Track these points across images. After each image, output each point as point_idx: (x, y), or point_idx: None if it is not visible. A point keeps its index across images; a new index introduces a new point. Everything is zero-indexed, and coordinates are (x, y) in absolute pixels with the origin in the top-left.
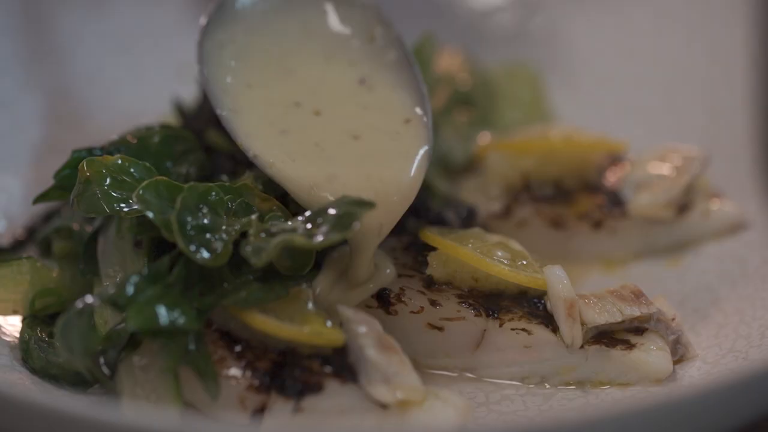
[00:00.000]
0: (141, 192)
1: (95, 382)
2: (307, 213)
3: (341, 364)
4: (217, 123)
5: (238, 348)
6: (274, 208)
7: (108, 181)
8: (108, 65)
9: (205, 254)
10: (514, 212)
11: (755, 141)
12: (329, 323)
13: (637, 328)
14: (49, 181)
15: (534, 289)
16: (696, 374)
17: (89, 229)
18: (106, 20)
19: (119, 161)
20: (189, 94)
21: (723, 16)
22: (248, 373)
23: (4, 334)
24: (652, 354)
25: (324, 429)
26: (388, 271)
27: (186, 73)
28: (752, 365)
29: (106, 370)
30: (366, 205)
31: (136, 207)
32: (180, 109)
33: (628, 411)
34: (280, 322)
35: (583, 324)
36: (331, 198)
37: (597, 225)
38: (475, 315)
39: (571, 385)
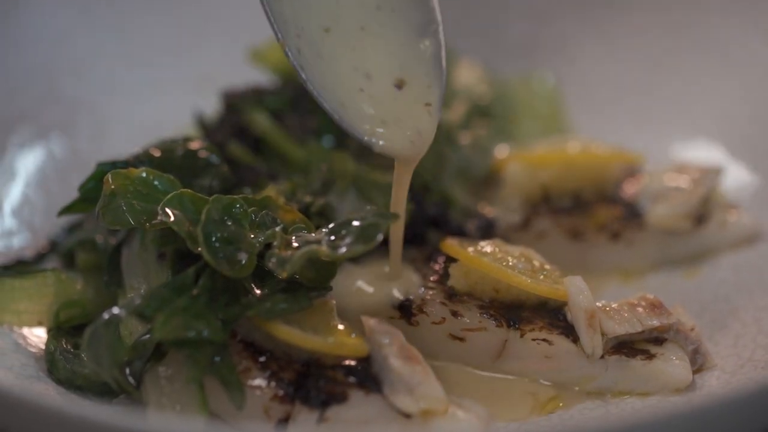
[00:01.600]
0: (166, 204)
1: (121, 392)
2: (331, 225)
3: (365, 374)
4: (238, 136)
5: (262, 358)
6: (298, 220)
7: (133, 193)
8: (129, 78)
9: (230, 266)
10: (533, 224)
11: None
12: (353, 334)
13: (657, 338)
14: (71, 194)
15: (554, 299)
16: (715, 383)
17: (113, 241)
18: (126, 32)
19: (144, 174)
20: (210, 107)
21: (738, 24)
22: (273, 384)
23: (30, 345)
24: (671, 364)
25: None
26: None
27: (206, 86)
28: None
29: (132, 381)
30: (390, 216)
31: (160, 219)
32: (201, 122)
33: (649, 420)
34: (304, 332)
35: (603, 334)
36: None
37: (615, 236)
38: (497, 325)
39: (591, 394)
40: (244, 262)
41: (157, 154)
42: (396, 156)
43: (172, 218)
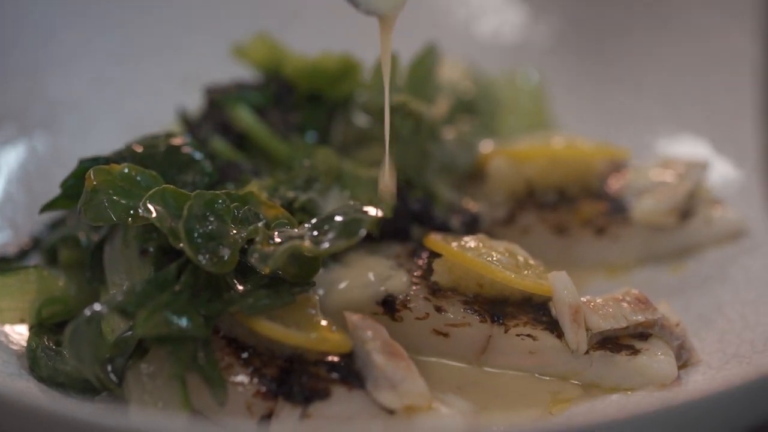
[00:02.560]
0: (148, 200)
1: (103, 389)
2: (314, 220)
3: (348, 370)
4: (221, 131)
5: (245, 355)
6: (281, 215)
7: (115, 189)
8: (113, 75)
9: (213, 261)
10: (517, 219)
11: (757, 147)
12: (336, 330)
13: (642, 333)
14: (54, 191)
15: (539, 295)
16: (700, 379)
17: (95, 237)
18: (110, 29)
19: (126, 170)
20: (194, 103)
21: (724, 18)
22: (255, 380)
23: (12, 342)
24: (656, 359)
25: None
26: None
27: (191, 82)
28: (757, 370)
29: (114, 378)
30: (372, 212)
31: (142, 215)
32: (184, 118)
33: (633, 416)
34: (287, 328)
35: (587, 329)
36: None
37: (600, 231)
38: (480, 321)
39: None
40: (226, 257)
41: (139, 150)
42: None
43: (154, 214)
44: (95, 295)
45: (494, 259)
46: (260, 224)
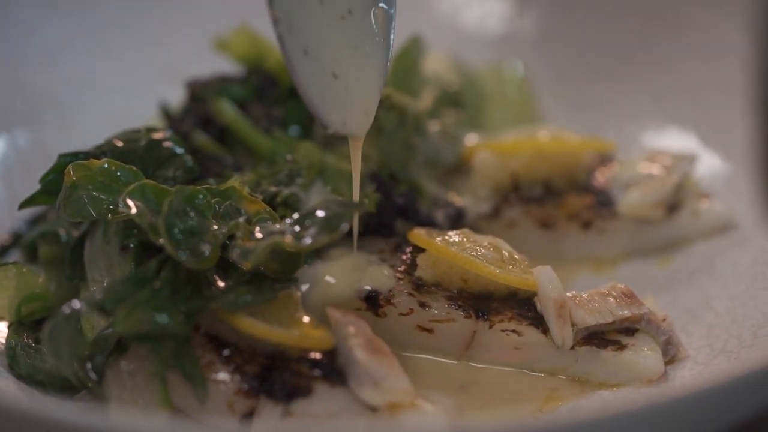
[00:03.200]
0: (127, 196)
1: (82, 387)
2: (295, 215)
3: (330, 367)
4: (203, 125)
5: (226, 352)
6: (262, 210)
7: (94, 185)
8: (94, 68)
9: (193, 257)
10: (502, 213)
11: (745, 140)
12: (318, 326)
13: (628, 328)
14: (34, 186)
15: (524, 290)
16: (688, 375)
17: (76, 233)
18: (91, 24)
19: (105, 165)
20: (176, 97)
21: (712, 10)
22: (237, 377)
23: None
24: (643, 355)
25: None
26: None
27: (174, 76)
28: (744, 365)
29: (93, 376)
30: (354, 206)
31: (122, 211)
32: (166, 112)
33: (620, 413)
34: (268, 325)
35: (573, 325)
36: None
37: (586, 225)
38: (465, 316)
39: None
40: (207, 253)
41: (119, 144)
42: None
43: (134, 210)
44: (75, 291)
45: (479, 253)
46: (241, 219)
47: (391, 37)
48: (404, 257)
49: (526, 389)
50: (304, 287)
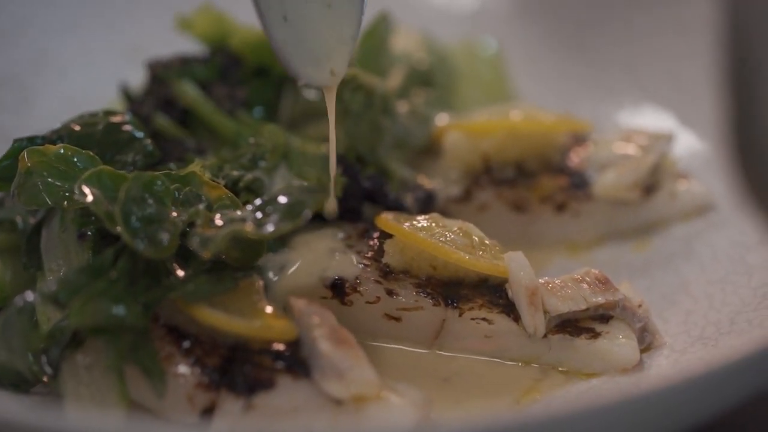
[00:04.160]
0: (83, 182)
1: (37, 382)
2: (257, 202)
3: (294, 359)
4: (164, 108)
5: (186, 344)
6: (224, 196)
7: (50, 171)
8: (57, 50)
9: (151, 246)
10: (474, 196)
11: (724, 117)
12: (281, 316)
13: (603, 315)
14: None
15: (495, 276)
16: (664, 363)
17: (32, 221)
18: (52, 3)
19: (61, 151)
20: (138, 79)
21: None
22: (197, 370)
23: None
24: (617, 343)
25: (276, 427)
26: None
27: (136, 56)
28: (722, 353)
29: (48, 370)
30: (317, 192)
31: (78, 198)
32: (127, 94)
33: (593, 405)
34: (229, 316)
35: (545, 312)
36: None
37: (560, 208)
38: (434, 304)
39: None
40: (165, 242)
41: (77, 128)
42: None
43: (90, 197)
44: (32, 281)
45: (448, 239)
46: (201, 206)
47: None
48: (371, 243)
49: (508, 380)
50: (267, 276)
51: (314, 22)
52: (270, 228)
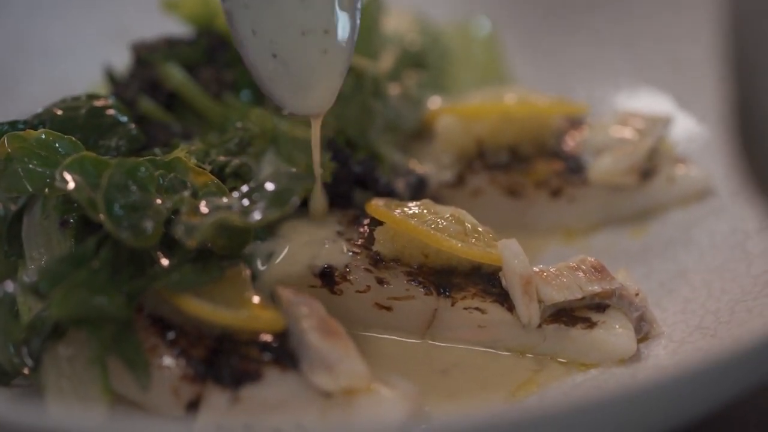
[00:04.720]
0: (65, 169)
1: (17, 374)
2: (244, 189)
3: (281, 350)
4: (149, 91)
5: (171, 335)
6: (210, 183)
7: (31, 157)
8: (40, 33)
9: (134, 235)
10: (467, 181)
11: (722, 100)
12: (269, 306)
13: (599, 304)
14: None
15: (488, 264)
16: (662, 353)
17: (13, 208)
18: None
19: (43, 136)
20: (123, 61)
21: None
22: (182, 362)
23: None
24: (614, 333)
25: (263, 421)
26: None
27: (121, 38)
28: (721, 343)
29: (29, 362)
30: (305, 179)
31: (59, 185)
32: (111, 77)
33: (589, 397)
34: (215, 306)
35: (540, 301)
36: None
37: (555, 193)
38: (426, 293)
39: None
40: (149, 230)
41: (59, 113)
42: None
43: (71, 184)
44: (13, 269)
45: (440, 226)
46: (187, 193)
47: (357, 17)
48: (362, 230)
49: (504, 371)
50: (254, 264)
51: (308, 65)
52: (257, 216)
